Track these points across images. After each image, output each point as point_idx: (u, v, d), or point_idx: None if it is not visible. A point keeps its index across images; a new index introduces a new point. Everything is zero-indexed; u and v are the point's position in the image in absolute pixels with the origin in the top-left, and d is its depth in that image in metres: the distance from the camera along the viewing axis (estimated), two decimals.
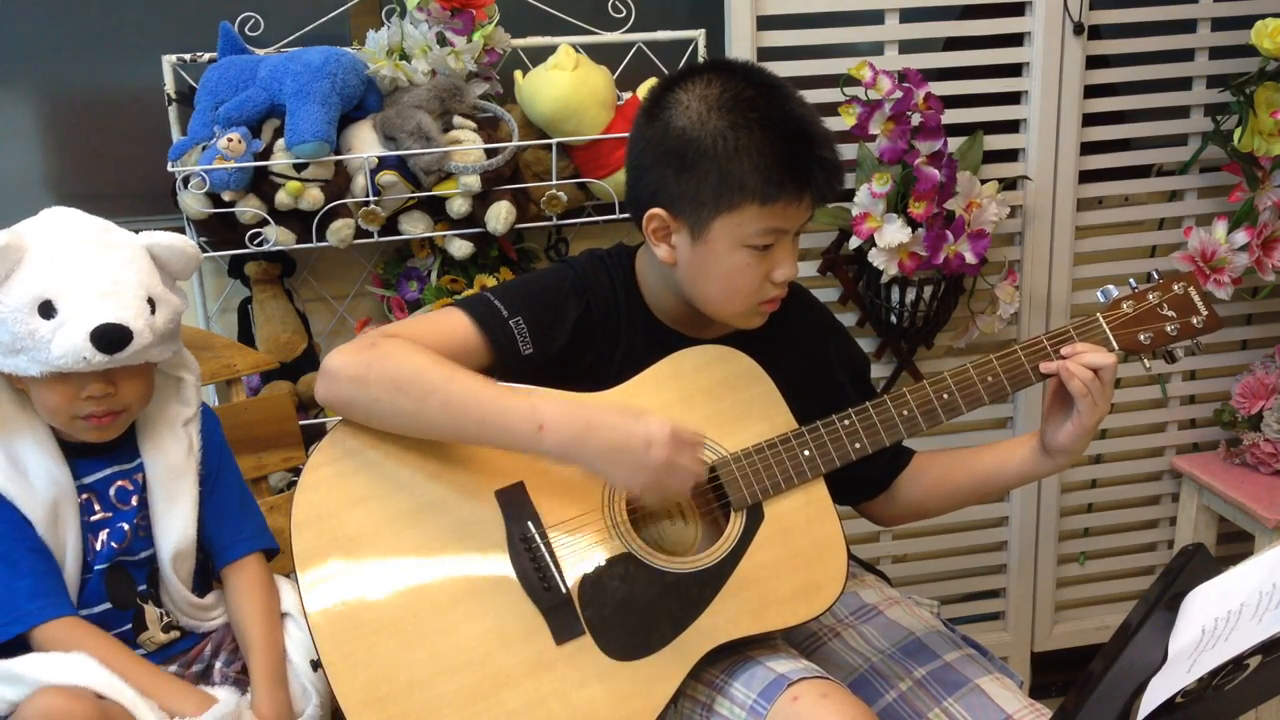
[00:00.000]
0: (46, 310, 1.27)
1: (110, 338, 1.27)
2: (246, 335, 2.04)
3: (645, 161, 1.41)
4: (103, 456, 1.40)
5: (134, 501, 1.40)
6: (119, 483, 1.40)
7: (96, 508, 1.39)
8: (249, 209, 1.84)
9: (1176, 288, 1.51)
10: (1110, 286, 1.51)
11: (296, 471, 1.82)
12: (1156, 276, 1.52)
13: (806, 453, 1.43)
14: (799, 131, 1.37)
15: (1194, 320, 1.50)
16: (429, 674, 1.32)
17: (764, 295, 1.44)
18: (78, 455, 1.38)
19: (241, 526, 1.49)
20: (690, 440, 1.32)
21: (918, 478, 1.59)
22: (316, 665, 1.41)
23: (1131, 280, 1.53)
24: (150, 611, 1.41)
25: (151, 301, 1.33)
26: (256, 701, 1.38)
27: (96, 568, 1.37)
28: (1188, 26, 2.23)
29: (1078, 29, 2.13)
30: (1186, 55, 2.24)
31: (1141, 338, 1.48)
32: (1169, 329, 1.49)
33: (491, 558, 1.37)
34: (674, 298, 1.49)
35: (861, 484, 1.60)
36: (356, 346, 1.39)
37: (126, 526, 1.39)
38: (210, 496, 1.46)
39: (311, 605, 1.34)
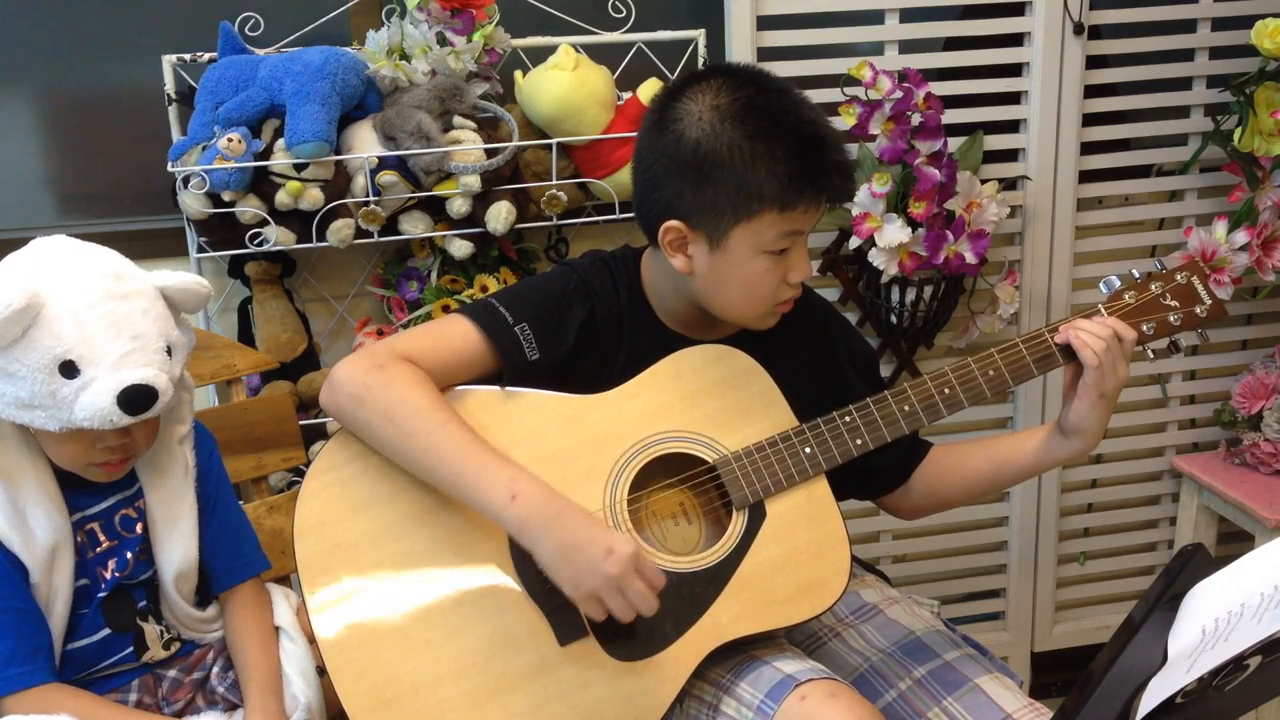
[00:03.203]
0: (69, 370, 1.23)
1: (137, 401, 1.24)
2: (246, 335, 2.04)
3: (659, 174, 1.40)
4: (104, 486, 1.37)
5: (138, 529, 1.39)
6: (123, 511, 1.38)
7: (102, 538, 1.37)
8: (249, 209, 1.84)
9: (1180, 277, 1.51)
10: (1113, 277, 1.50)
11: (296, 471, 1.83)
12: (1160, 266, 1.52)
13: (807, 450, 1.44)
14: (813, 136, 1.37)
15: (1198, 309, 1.50)
16: (433, 678, 1.32)
17: (780, 297, 1.44)
18: (78, 486, 1.35)
19: (239, 552, 1.48)
20: (649, 573, 1.29)
21: (935, 467, 1.59)
22: (322, 671, 1.41)
23: (1134, 270, 1.52)
24: (150, 630, 1.40)
25: (169, 349, 1.30)
26: (251, 717, 1.39)
27: (99, 596, 1.36)
28: (1188, 26, 2.23)
29: (1078, 29, 2.13)
30: (1186, 55, 2.24)
31: (1144, 328, 1.48)
32: (1172, 319, 1.49)
33: (494, 561, 1.37)
34: (682, 301, 1.49)
35: (879, 477, 1.60)
36: (365, 364, 1.39)
37: (130, 554, 1.37)
38: (209, 522, 1.44)
39: (315, 612, 1.34)
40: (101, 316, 1.24)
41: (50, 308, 1.23)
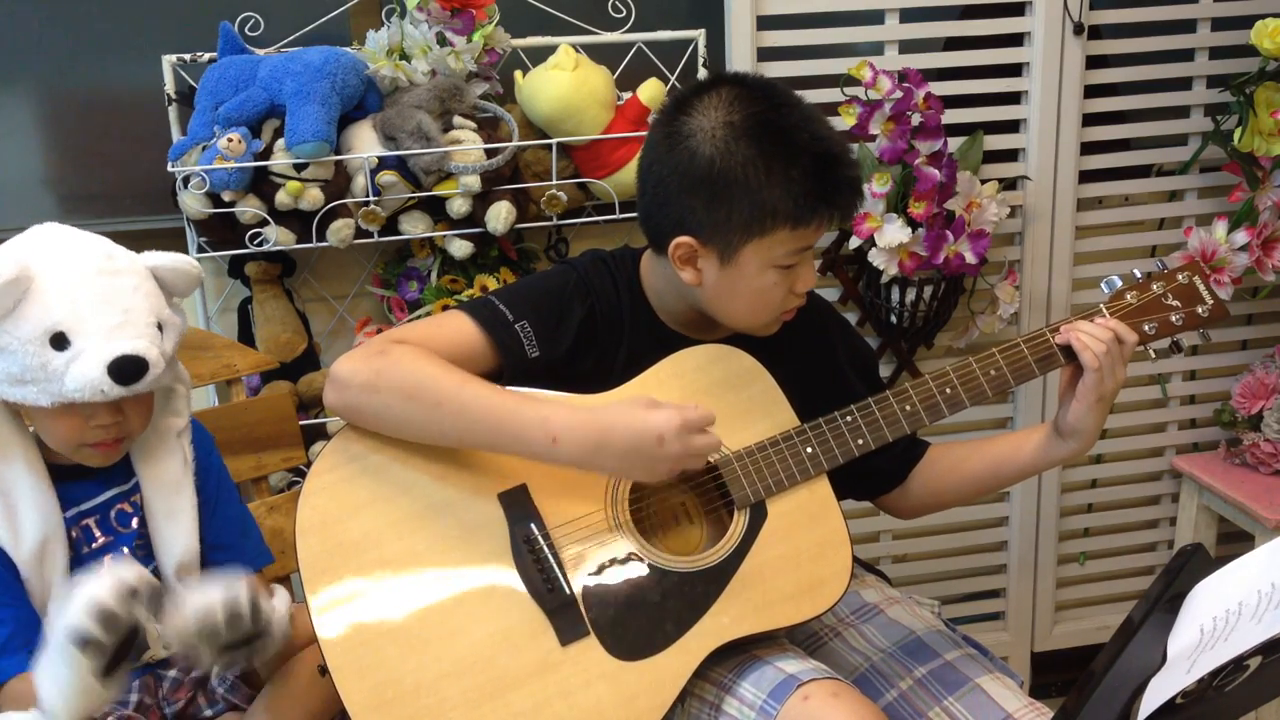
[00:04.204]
0: (59, 342, 1.23)
1: (128, 370, 1.24)
2: (246, 335, 2.04)
3: (670, 190, 1.40)
4: (98, 479, 1.37)
5: (134, 524, 1.38)
6: (118, 506, 1.38)
7: (97, 534, 1.36)
8: (249, 209, 1.84)
9: (1181, 277, 1.51)
10: (1114, 277, 1.51)
11: (296, 471, 1.83)
12: (1162, 266, 1.52)
13: (809, 450, 1.44)
14: (826, 154, 1.37)
15: (1199, 309, 1.50)
16: (435, 677, 1.32)
17: (786, 306, 1.45)
18: (72, 479, 1.35)
19: (242, 550, 1.47)
20: (699, 421, 1.33)
21: (933, 467, 1.59)
22: (324, 671, 1.41)
23: (1136, 270, 1.52)
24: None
25: (160, 326, 1.31)
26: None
27: None
28: (1188, 26, 2.23)
29: (1078, 29, 2.13)
30: (1186, 55, 2.24)
31: (1146, 328, 1.48)
32: (1174, 319, 1.49)
33: (495, 560, 1.37)
34: (682, 303, 1.50)
35: (878, 477, 1.60)
36: (365, 354, 1.39)
37: (126, 550, 1.37)
38: (211, 520, 1.44)
39: (317, 611, 1.34)
40: (92, 290, 1.26)
41: (41, 281, 1.25)
